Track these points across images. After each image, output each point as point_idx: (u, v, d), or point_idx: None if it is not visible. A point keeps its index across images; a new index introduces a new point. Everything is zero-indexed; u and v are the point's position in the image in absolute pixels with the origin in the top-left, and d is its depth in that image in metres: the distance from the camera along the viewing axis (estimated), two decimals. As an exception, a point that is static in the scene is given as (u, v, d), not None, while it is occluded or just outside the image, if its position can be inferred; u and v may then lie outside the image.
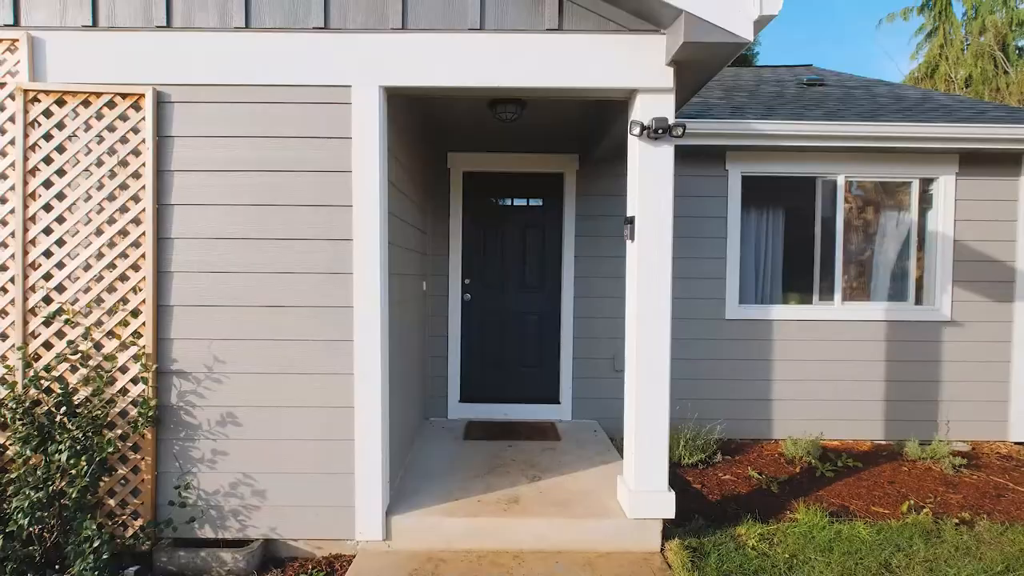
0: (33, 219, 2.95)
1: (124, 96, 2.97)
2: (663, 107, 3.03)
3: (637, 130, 3.01)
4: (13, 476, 2.70)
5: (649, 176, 3.07)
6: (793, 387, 5.07)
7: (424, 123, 4.71)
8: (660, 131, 2.97)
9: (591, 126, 4.76)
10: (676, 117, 3.08)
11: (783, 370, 5.07)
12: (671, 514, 3.12)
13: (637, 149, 3.08)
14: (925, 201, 5.19)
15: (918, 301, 5.22)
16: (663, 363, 3.12)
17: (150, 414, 2.91)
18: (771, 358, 5.08)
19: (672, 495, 3.12)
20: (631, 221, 3.13)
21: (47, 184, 2.96)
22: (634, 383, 3.14)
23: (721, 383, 5.08)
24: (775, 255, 5.25)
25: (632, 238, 3.14)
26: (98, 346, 2.99)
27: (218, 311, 3.04)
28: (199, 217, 3.02)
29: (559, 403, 5.24)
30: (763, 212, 5.23)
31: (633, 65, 3.01)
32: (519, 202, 5.37)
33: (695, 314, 5.02)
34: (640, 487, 3.14)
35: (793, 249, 5.23)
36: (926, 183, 5.16)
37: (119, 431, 2.97)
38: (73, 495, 2.66)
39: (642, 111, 3.04)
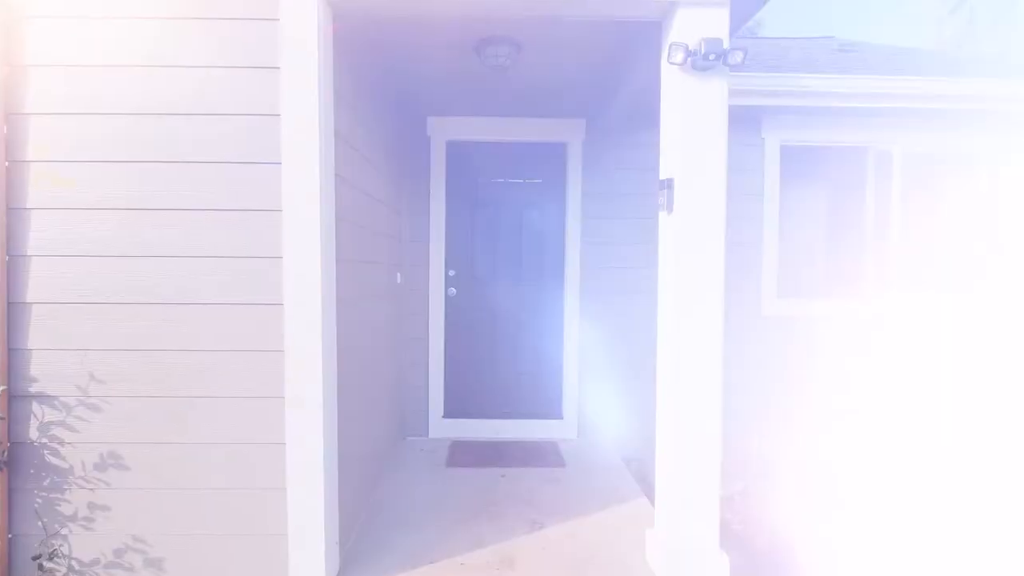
0: None
1: (-46, 6, 2.10)
2: (715, 24, 2.18)
3: (679, 56, 2.16)
4: None
5: (695, 121, 2.22)
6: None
7: (394, 72, 3.83)
8: (712, 57, 2.12)
9: (602, 78, 3.88)
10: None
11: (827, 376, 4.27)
12: (724, 585, 2.30)
13: (677, 85, 2.23)
14: (998, 177, 4.37)
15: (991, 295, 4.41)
16: (712, 375, 2.29)
17: (-13, 458, 2.05)
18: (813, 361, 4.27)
19: (726, 559, 2.30)
20: (668, 185, 2.29)
21: None
22: (671, 402, 2.32)
23: (756, 392, 4.26)
24: (819, 240, 4.42)
25: (668, 208, 2.30)
26: (-79, 360, 2.12)
27: (95, 310, 2.18)
28: (67, 179, 2.16)
29: (562, 419, 4.39)
30: (805, 189, 4.39)
31: (673, -35, 2.17)
32: (514, 178, 4.51)
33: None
34: (679, 545, 2.32)
35: (840, 233, 4.40)
36: (999, 155, 4.35)
37: (-47, 480, 2.11)
38: None
39: (684, 31, 2.19)
